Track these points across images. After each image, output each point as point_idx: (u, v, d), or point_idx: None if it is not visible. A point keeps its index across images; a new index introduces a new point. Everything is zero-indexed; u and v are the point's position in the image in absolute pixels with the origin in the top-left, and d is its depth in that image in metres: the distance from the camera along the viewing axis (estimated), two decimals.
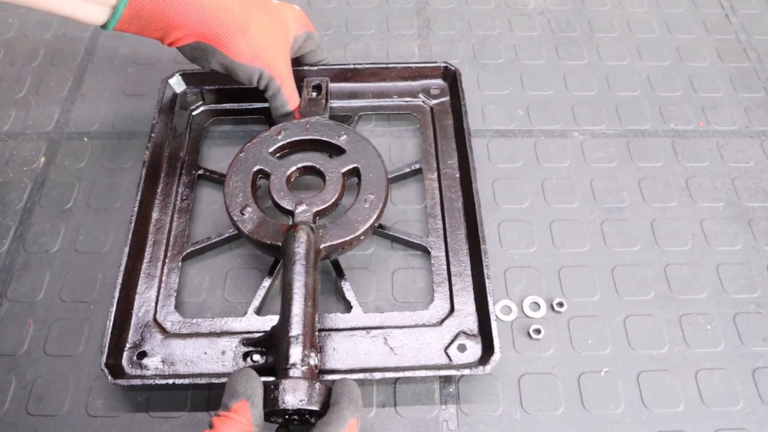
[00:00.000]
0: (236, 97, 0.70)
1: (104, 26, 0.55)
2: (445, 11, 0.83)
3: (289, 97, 0.63)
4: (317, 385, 0.44)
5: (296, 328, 0.47)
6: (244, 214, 0.55)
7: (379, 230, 0.59)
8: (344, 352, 0.53)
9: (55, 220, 0.63)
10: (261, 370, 0.50)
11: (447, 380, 0.54)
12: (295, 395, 0.43)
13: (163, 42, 0.58)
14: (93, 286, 0.58)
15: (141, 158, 0.61)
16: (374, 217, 0.55)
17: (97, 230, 0.62)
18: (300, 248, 0.51)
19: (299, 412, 0.44)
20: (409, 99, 0.70)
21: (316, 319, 0.49)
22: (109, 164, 0.67)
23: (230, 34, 0.56)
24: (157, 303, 0.56)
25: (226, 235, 0.59)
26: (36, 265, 0.60)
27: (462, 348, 0.53)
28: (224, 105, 0.70)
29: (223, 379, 0.49)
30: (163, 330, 0.54)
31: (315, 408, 0.43)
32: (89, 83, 0.75)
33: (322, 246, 0.53)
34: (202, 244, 0.59)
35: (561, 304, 0.57)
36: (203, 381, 0.50)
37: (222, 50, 0.57)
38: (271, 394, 0.43)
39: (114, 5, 0.53)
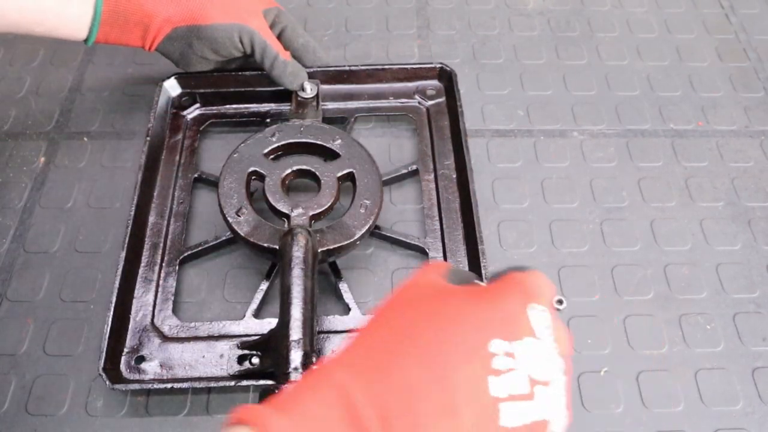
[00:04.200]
0: (232, 100, 0.70)
1: (87, 38, 0.56)
2: (444, 11, 0.83)
3: (279, 49, 0.64)
4: None
5: (297, 332, 0.47)
6: (239, 216, 0.55)
7: (376, 232, 0.59)
8: None
9: (55, 220, 0.63)
10: (258, 373, 0.50)
11: None
12: None
13: (145, 45, 0.60)
14: (93, 286, 0.58)
15: (139, 159, 0.62)
16: (370, 222, 0.56)
17: (97, 230, 0.62)
18: (299, 252, 0.51)
19: None
20: (405, 100, 0.70)
21: (315, 322, 0.49)
22: (109, 164, 0.67)
23: (198, 3, 0.59)
24: (154, 307, 0.56)
25: (223, 238, 0.59)
26: (36, 265, 0.60)
27: None
28: (220, 108, 0.70)
29: (222, 383, 0.50)
30: (160, 334, 0.54)
31: None
32: (89, 83, 0.75)
33: (319, 250, 0.53)
34: (199, 248, 0.59)
35: (560, 302, 0.57)
36: (202, 385, 0.50)
37: (195, 23, 0.58)
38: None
39: (94, 4, 0.55)
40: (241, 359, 0.52)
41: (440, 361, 0.30)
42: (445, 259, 0.59)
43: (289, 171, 0.58)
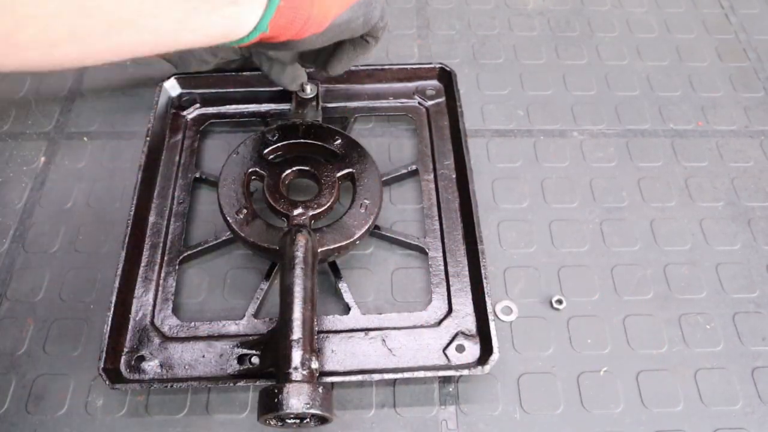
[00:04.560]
0: (232, 100, 0.70)
1: (246, 36, 0.44)
2: (444, 11, 0.83)
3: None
4: (320, 389, 0.44)
5: (297, 331, 0.47)
6: (239, 216, 0.55)
7: (376, 231, 0.59)
8: (343, 354, 0.53)
9: (55, 220, 0.63)
10: (258, 373, 0.50)
11: (446, 380, 0.54)
12: (299, 399, 0.43)
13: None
14: (93, 286, 0.58)
15: (139, 159, 0.62)
16: (370, 221, 0.56)
17: (97, 230, 0.62)
18: (299, 252, 0.51)
19: (301, 415, 0.45)
20: (405, 100, 0.70)
21: (315, 322, 0.49)
22: (109, 164, 0.67)
23: None
24: (154, 307, 0.56)
25: (223, 238, 0.59)
26: (36, 264, 0.60)
27: (460, 348, 0.53)
28: (220, 108, 0.70)
29: (222, 383, 0.50)
30: (160, 334, 0.54)
31: (319, 412, 0.44)
32: (89, 83, 0.75)
33: (319, 250, 0.53)
34: (199, 248, 0.59)
35: (560, 302, 0.58)
36: (201, 385, 0.50)
37: None
38: (274, 398, 0.43)
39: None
40: (240, 359, 0.52)
41: None
42: (445, 259, 0.59)
43: (289, 171, 0.58)
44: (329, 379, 0.50)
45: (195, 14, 0.39)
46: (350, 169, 0.59)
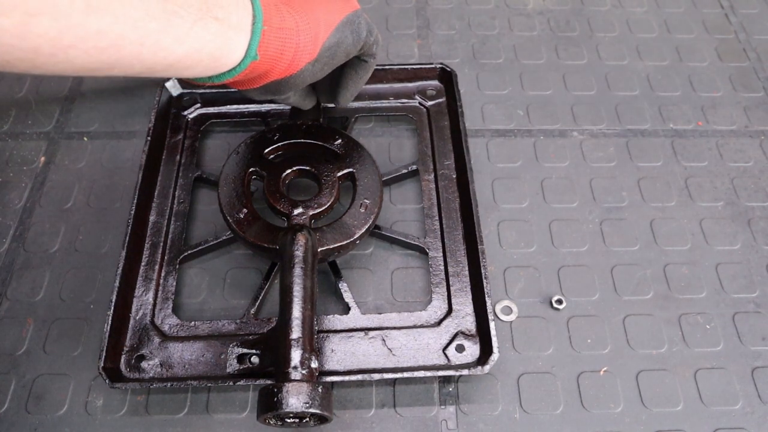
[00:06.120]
0: (232, 100, 0.70)
1: (232, 71, 0.45)
2: (444, 11, 0.83)
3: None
4: (320, 388, 0.44)
5: (296, 331, 0.47)
6: (239, 216, 0.55)
7: (376, 231, 0.59)
8: (343, 354, 0.53)
9: (55, 220, 0.63)
10: (257, 372, 0.50)
11: (446, 380, 0.54)
12: (299, 398, 0.43)
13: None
14: (93, 286, 0.59)
15: (140, 159, 0.62)
16: (370, 221, 0.56)
17: (97, 230, 0.62)
18: (299, 251, 0.51)
19: (300, 414, 0.45)
20: (406, 100, 0.70)
21: (315, 321, 0.49)
22: (109, 164, 0.67)
23: None
24: (154, 306, 0.56)
25: (223, 237, 0.59)
26: (36, 264, 0.60)
27: (460, 348, 0.53)
28: (221, 108, 0.70)
29: (222, 382, 0.50)
30: (161, 333, 0.54)
31: (318, 411, 0.44)
32: (89, 83, 0.75)
33: (319, 249, 0.53)
34: (199, 247, 0.59)
35: (560, 301, 0.58)
36: (201, 384, 0.50)
37: None
38: (273, 397, 0.43)
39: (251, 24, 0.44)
40: (240, 358, 0.52)
41: None
42: (445, 259, 0.59)
43: (289, 171, 0.58)
44: (329, 379, 0.50)
45: (177, 19, 0.39)
46: (350, 169, 0.59)
